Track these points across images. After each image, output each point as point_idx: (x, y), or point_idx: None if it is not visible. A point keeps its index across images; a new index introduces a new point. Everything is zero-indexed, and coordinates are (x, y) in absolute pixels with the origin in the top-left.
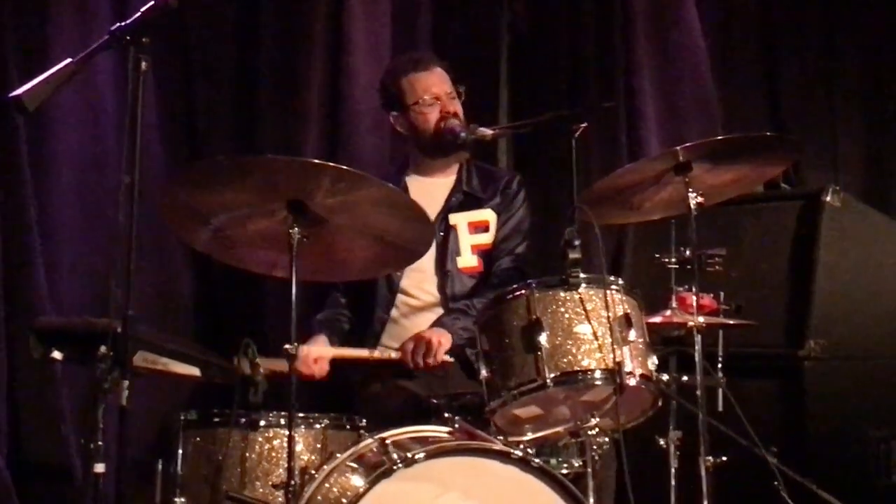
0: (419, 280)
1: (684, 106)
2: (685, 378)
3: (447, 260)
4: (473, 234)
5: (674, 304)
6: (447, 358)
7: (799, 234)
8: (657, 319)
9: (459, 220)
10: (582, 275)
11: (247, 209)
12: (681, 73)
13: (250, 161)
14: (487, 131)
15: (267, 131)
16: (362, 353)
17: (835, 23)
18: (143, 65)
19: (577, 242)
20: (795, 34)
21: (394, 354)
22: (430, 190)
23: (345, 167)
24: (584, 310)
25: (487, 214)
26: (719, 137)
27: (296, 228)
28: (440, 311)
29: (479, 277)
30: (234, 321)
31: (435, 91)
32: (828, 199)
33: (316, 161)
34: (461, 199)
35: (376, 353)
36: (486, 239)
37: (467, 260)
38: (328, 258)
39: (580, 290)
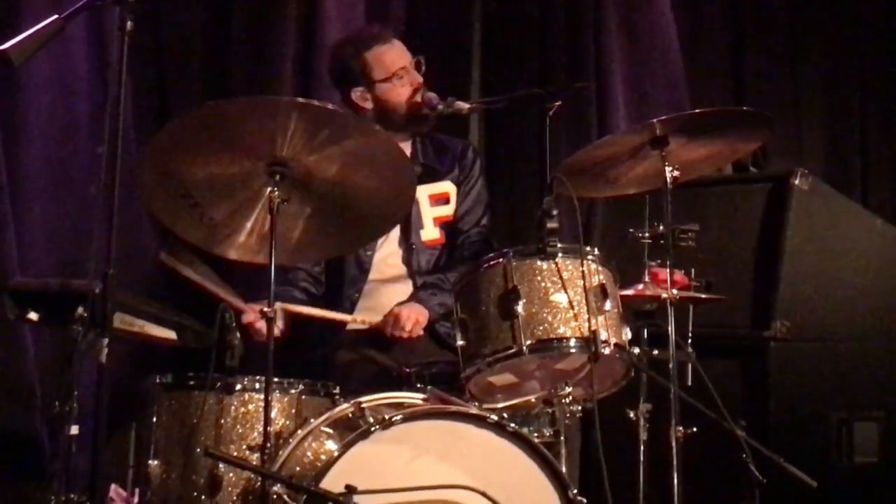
0: (385, 254)
1: (653, 90)
2: (656, 352)
3: (411, 233)
4: (434, 206)
5: (647, 278)
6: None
7: (766, 216)
8: (630, 292)
9: (420, 192)
10: (559, 244)
11: (226, 179)
12: (650, 58)
13: (222, 106)
14: (464, 105)
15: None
16: (341, 316)
17: (800, 10)
18: (129, 24)
19: (554, 212)
20: (762, 22)
21: (370, 318)
22: None
23: (329, 105)
24: (561, 279)
25: (447, 186)
26: (696, 111)
27: (276, 191)
28: (408, 284)
29: (441, 250)
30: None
31: (403, 63)
32: (796, 182)
33: (299, 99)
34: (419, 172)
35: (357, 317)
36: (448, 211)
37: (430, 232)
38: (311, 233)
39: (557, 259)
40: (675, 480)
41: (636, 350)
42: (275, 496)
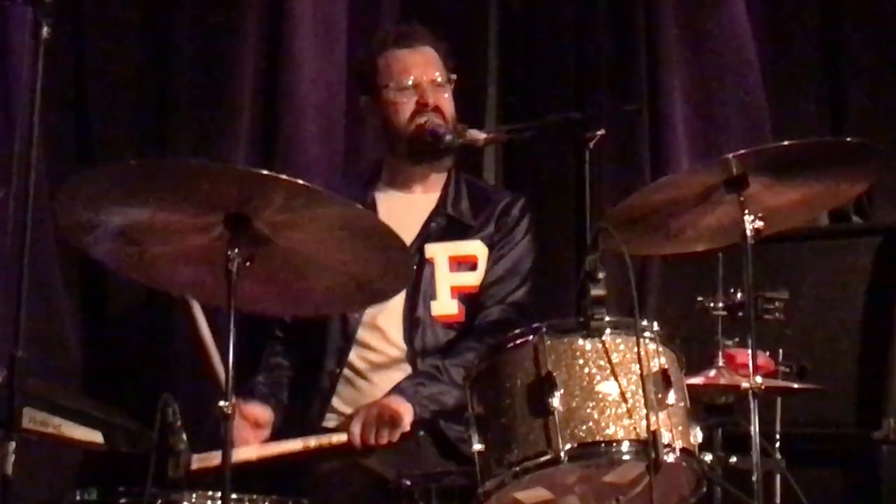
0: (382, 326)
1: (723, 112)
2: (734, 459)
3: (418, 304)
4: (455, 271)
5: (721, 362)
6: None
7: (875, 279)
8: (699, 381)
9: (438, 252)
10: (607, 317)
11: (170, 228)
12: (720, 71)
13: (174, 166)
14: (479, 135)
15: (182, 131)
16: (295, 445)
17: None
18: (45, 30)
19: (600, 275)
20: (865, 35)
21: (336, 439)
22: (403, 210)
23: (300, 181)
24: (610, 363)
25: (475, 247)
26: (785, 143)
27: (236, 250)
28: (407, 368)
29: (458, 329)
30: (138, 373)
31: (415, 75)
32: None
33: (264, 172)
34: (443, 226)
35: (313, 442)
36: (472, 280)
37: (444, 305)
38: (272, 286)
39: (605, 336)
40: None
41: (708, 457)
42: None
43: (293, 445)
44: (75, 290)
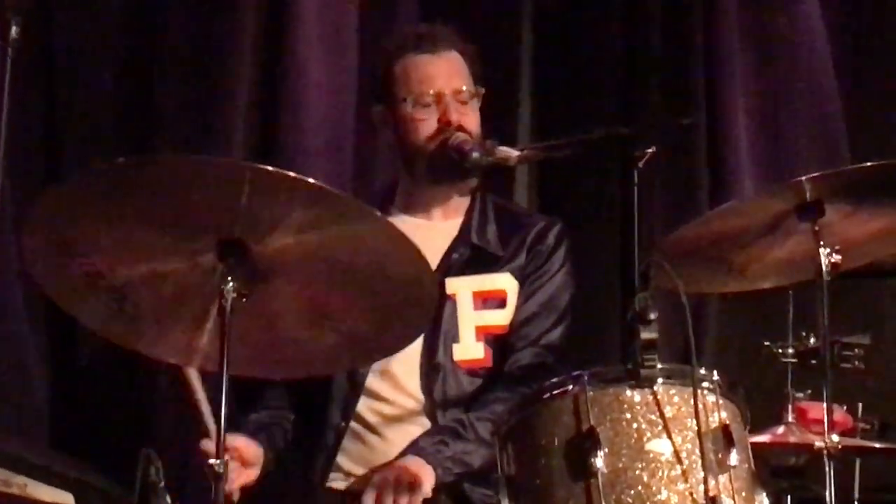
0: (396, 373)
1: (793, 129)
2: None
3: (438, 348)
4: (481, 309)
5: (791, 417)
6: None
7: None
8: (766, 439)
9: (461, 287)
10: (659, 365)
11: (152, 252)
12: (790, 80)
13: (137, 166)
14: (512, 152)
15: (166, 147)
16: None
17: None
18: (14, 30)
19: (652, 316)
20: None
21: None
22: (421, 238)
23: (321, 184)
24: (662, 417)
25: (504, 281)
26: (866, 164)
27: (231, 283)
28: (425, 422)
29: (484, 376)
30: (114, 424)
31: (437, 86)
32: None
33: (286, 172)
34: (466, 256)
35: None
36: (500, 318)
37: (468, 349)
38: (269, 340)
39: (656, 387)
40: None
41: None
42: None
43: None
44: (41, 329)
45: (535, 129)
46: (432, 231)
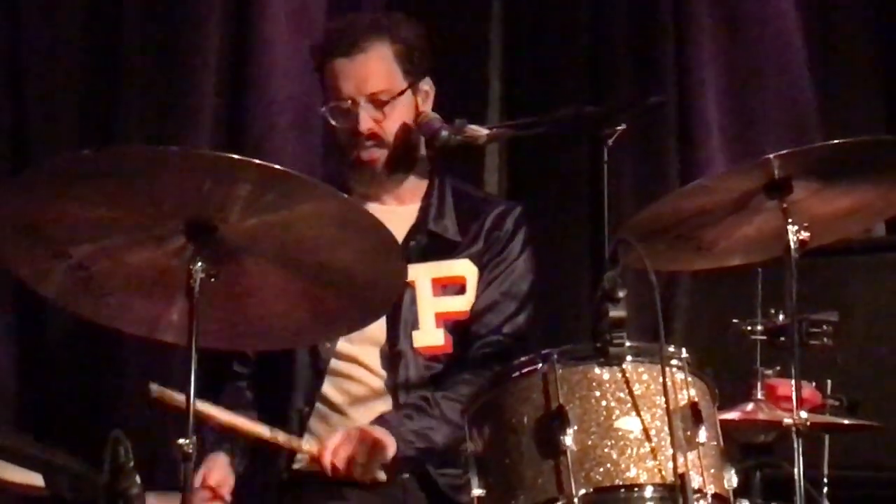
0: (359, 357)
1: (763, 107)
2: None
3: (399, 334)
4: (440, 296)
5: (760, 394)
6: (380, 474)
7: None
8: (734, 416)
9: (419, 274)
10: (628, 342)
11: (121, 235)
12: (760, 60)
13: (130, 154)
14: (481, 131)
15: (132, 129)
16: (262, 431)
17: None
18: None
19: (620, 294)
20: None
21: (307, 447)
22: None
23: (277, 166)
24: (631, 395)
25: (463, 267)
26: (834, 141)
27: (199, 263)
28: (388, 404)
29: (444, 362)
30: (82, 406)
31: (347, 90)
32: None
33: (234, 156)
34: (424, 243)
35: (281, 437)
36: (460, 304)
37: (429, 336)
38: (238, 314)
39: (625, 365)
40: None
41: (745, 503)
42: None
43: (261, 430)
44: (7, 309)
45: (504, 108)
46: (388, 217)
